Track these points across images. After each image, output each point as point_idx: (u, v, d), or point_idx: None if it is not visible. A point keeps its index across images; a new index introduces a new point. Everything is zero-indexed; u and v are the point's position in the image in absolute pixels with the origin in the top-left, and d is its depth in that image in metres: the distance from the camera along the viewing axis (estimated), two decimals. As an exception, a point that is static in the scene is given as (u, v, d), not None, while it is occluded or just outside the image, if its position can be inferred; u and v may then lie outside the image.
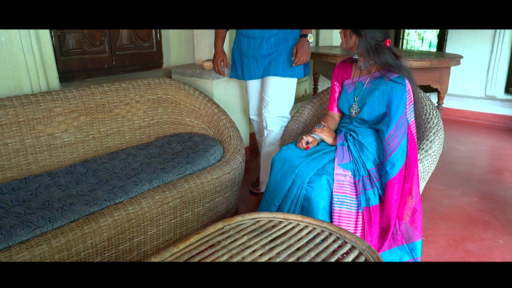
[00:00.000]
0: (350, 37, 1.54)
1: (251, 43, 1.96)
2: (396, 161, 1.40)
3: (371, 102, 1.50)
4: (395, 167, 1.40)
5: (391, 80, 1.45)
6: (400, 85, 1.43)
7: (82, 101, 1.83)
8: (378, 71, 1.53)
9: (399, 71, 1.46)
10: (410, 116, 1.45)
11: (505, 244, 1.83)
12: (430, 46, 6.14)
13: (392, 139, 1.42)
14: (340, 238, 1.05)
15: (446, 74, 2.65)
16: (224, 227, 1.07)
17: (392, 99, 1.43)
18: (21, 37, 1.79)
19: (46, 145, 1.72)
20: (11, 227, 1.25)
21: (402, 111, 1.41)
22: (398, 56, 1.54)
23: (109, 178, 1.65)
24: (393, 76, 1.46)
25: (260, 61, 1.99)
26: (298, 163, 1.50)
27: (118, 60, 2.59)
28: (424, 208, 2.14)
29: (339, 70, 1.71)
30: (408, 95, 1.44)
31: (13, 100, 1.64)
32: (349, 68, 1.67)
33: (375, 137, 1.50)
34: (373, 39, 1.48)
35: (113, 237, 1.40)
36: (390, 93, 1.44)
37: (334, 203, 1.41)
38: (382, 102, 1.47)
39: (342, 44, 1.60)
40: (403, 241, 1.49)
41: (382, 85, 1.48)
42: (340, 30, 1.59)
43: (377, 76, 1.52)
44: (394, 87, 1.44)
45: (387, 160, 1.41)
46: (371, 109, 1.51)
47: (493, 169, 2.81)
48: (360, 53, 1.54)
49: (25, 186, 1.56)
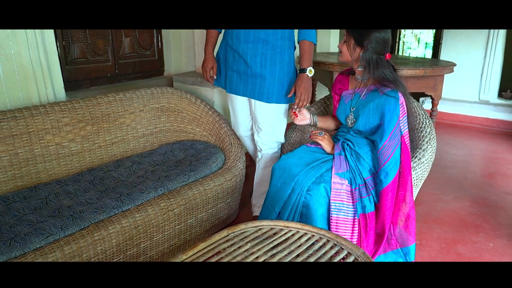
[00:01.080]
0: (354, 49, 1.58)
1: (236, 57, 1.79)
2: (389, 171, 1.47)
3: (366, 114, 1.58)
4: (389, 176, 1.47)
5: (384, 93, 1.53)
6: (393, 98, 1.51)
7: (89, 111, 1.90)
8: (373, 84, 1.60)
9: (394, 85, 1.54)
10: (403, 127, 1.53)
11: (495, 247, 1.91)
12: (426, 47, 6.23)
13: (386, 149, 1.49)
14: (337, 245, 1.12)
15: (439, 82, 2.73)
16: (229, 235, 1.15)
17: (385, 111, 1.51)
18: (29, 50, 1.85)
19: (54, 154, 1.78)
20: (25, 235, 1.32)
21: (395, 123, 1.49)
22: (396, 70, 1.61)
23: (115, 186, 1.72)
24: (387, 89, 1.53)
25: (243, 78, 1.80)
26: (297, 171, 1.57)
27: (120, 68, 2.66)
28: (418, 212, 2.22)
29: (336, 83, 1.78)
30: (402, 107, 1.52)
31: (23, 111, 1.70)
32: (346, 80, 1.74)
33: (371, 147, 1.58)
34: (375, 52, 1.54)
35: (121, 243, 1.47)
36: (384, 106, 1.52)
37: (332, 210, 1.48)
38: (376, 114, 1.55)
39: (344, 57, 1.63)
40: (398, 245, 1.56)
41: (377, 98, 1.55)
42: (342, 43, 1.62)
43: (372, 89, 1.59)
44: (387, 100, 1.51)
45: (381, 170, 1.49)
46: (366, 120, 1.58)
47: (486, 173, 2.89)
48: (363, 65, 1.59)
49: (35, 194, 1.62)
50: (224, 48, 1.88)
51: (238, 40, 1.72)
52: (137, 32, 2.71)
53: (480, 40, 4.06)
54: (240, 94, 1.86)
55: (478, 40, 4.07)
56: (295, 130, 2.05)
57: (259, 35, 1.66)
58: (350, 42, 1.58)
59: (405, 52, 6.32)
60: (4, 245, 1.26)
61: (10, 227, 1.38)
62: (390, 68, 1.59)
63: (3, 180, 1.63)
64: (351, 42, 1.57)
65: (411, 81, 2.63)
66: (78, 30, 2.35)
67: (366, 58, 1.54)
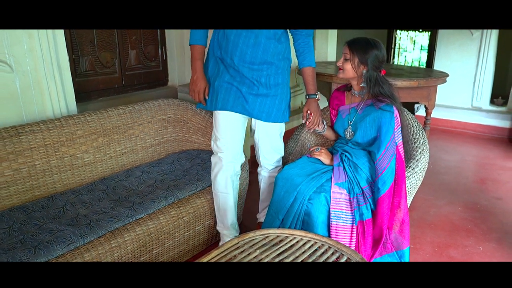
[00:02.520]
0: (358, 67, 1.66)
1: (237, 76, 1.71)
2: (386, 179, 1.59)
3: (364, 127, 1.69)
4: (386, 184, 1.59)
5: (380, 108, 1.64)
6: (389, 112, 1.62)
7: (100, 124, 2.00)
8: (370, 99, 1.72)
9: (389, 100, 1.65)
10: (398, 138, 1.65)
11: (484, 250, 2.03)
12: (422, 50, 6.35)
13: (383, 159, 1.61)
14: (337, 251, 1.23)
15: (433, 92, 2.86)
16: (239, 242, 1.25)
17: (381, 124, 1.63)
18: (44, 65, 1.95)
19: (69, 165, 1.88)
20: (47, 243, 1.42)
21: (390, 135, 1.61)
22: (391, 84, 1.73)
23: (127, 195, 1.82)
24: (382, 104, 1.65)
25: (247, 98, 1.71)
26: (299, 181, 1.68)
27: (127, 79, 2.77)
28: (413, 217, 2.34)
29: (333, 99, 1.90)
30: (396, 120, 1.64)
31: (40, 125, 1.80)
32: (342, 96, 1.86)
33: (368, 158, 1.69)
34: (374, 67, 1.64)
35: (136, 249, 1.57)
36: (380, 119, 1.63)
37: (332, 218, 1.59)
38: (373, 127, 1.67)
39: (348, 74, 1.69)
40: (393, 248, 1.67)
41: (373, 112, 1.67)
42: (343, 61, 1.69)
43: (369, 104, 1.71)
44: (383, 114, 1.63)
45: (379, 178, 1.60)
46: (364, 133, 1.70)
47: (477, 179, 3.02)
48: (365, 82, 1.68)
49: (53, 203, 1.72)
50: (216, 65, 1.75)
51: (243, 61, 1.67)
52: (142, 44, 2.82)
53: (472, 49, 4.20)
54: (244, 113, 1.74)
55: (471, 49, 4.21)
56: (297, 141, 2.15)
57: (266, 58, 1.67)
58: (354, 61, 1.66)
59: (401, 55, 6.44)
60: (29, 253, 1.36)
61: (33, 235, 1.48)
62: (387, 83, 1.70)
63: (22, 190, 1.73)
64: (356, 61, 1.65)
65: (406, 91, 2.75)
66: (87, 43, 2.45)
67: (368, 75, 1.65)
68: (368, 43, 1.65)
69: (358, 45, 1.65)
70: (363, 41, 1.66)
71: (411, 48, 6.52)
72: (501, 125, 4.12)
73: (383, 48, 1.68)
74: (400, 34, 6.35)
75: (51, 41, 1.97)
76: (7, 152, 1.67)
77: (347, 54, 1.68)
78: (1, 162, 1.65)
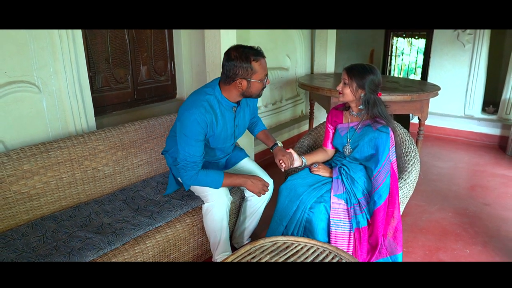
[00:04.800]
0: (357, 91, 1.81)
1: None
2: (382, 193, 1.77)
3: (362, 145, 1.87)
4: (382, 198, 1.77)
5: (377, 129, 1.82)
6: (385, 133, 1.80)
7: (119, 139, 2.18)
8: (368, 120, 1.89)
9: (385, 121, 1.83)
10: (392, 156, 1.84)
11: (471, 253, 2.22)
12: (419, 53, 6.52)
13: (379, 175, 1.79)
14: (337, 256, 1.41)
15: (425, 104, 3.06)
16: (251, 249, 1.43)
17: (379, 144, 1.81)
18: (67, 85, 2.13)
19: (91, 177, 2.06)
20: (79, 249, 1.60)
21: (387, 154, 1.79)
22: (387, 106, 1.90)
23: (146, 205, 2.00)
24: (379, 125, 1.82)
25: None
26: (301, 191, 1.87)
27: (139, 93, 2.94)
28: (406, 222, 2.53)
29: (332, 116, 2.07)
30: (391, 140, 1.82)
31: (66, 141, 1.98)
32: (341, 115, 2.03)
33: (364, 173, 1.88)
34: (371, 90, 1.80)
35: (156, 254, 1.75)
36: (377, 139, 1.81)
37: (331, 225, 1.78)
38: (370, 146, 1.85)
39: (347, 97, 1.85)
40: (387, 253, 1.86)
41: (370, 132, 1.85)
42: (343, 85, 1.84)
43: (366, 124, 1.88)
44: (380, 135, 1.81)
45: (375, 192, 1.78)
46: (362, 150, 1.88)
47: (468, 185, 3.21)
48: (364, 104, 1.83)
49: (79, 213, 1.90)
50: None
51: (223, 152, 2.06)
52: (153, 60, 3.00)
53: (464, 60, 4.40)
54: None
55: (463, 60, 4.41)
56: (298, 152, 2.34)
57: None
58: (352, 85, 1.81)
59: (398, 57, 6.60)
60: (64, 258, 1.54)
61: (65, 242, 1.65)
62: (383, 105, 1.88)
63: (51, 201, 1.90)
64: (354, 85, 1.81)
65: (400, 104, 2.95)
66: (103, 61, 2.63)
67: (366, 98, 1.81)
68: (364, 68, 1.81)
69: (356, 71, 1.81)
70: (360, 67, 1.83)
71: (408, 51, 6.68)
72: (492, 133, 4.32)
73: (379, 72, 1.85)
74: (397, 39, 6.54)
75: (74, 63, 2.15)
76: (38, 167, 1.84)
77: (346, 80, 1.83)
78: (33, 176, 1.83)
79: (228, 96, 1.80)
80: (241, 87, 1.74)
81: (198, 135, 1.73)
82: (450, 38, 4.43)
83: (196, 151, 1.75)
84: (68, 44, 2.09)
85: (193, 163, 1.75)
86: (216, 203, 1.86)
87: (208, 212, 1.89)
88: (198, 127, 1.72)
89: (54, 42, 2.03)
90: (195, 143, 1.73)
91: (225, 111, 1.83)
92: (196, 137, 1.73)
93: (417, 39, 6.44)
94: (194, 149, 1.74)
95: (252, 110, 2.09)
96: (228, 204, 1.92)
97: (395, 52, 6.55)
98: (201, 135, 1.75)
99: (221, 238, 1.92)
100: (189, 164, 1.75)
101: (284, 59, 4.12)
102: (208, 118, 1.75)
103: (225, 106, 1.82)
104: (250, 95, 1.80)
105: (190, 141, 1.73)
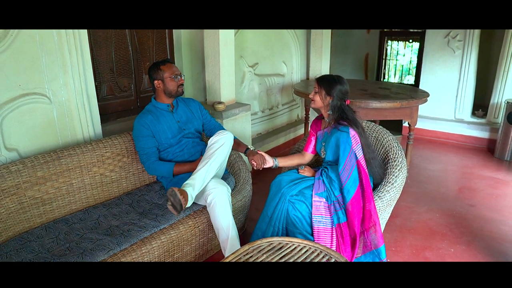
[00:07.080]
0: (325, 98, 2.04)
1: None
2: (350, 188, 1.93)
3: (330, 147, 2.05)
4: (350, 193, 1.93)
5: (339, 129, 1.99)
6: (345, 132, 1.96)
7: (125, 146, 2.31)
8: (334, 123, 2.06)
9: (348, 123, 1.98)
10: (358, 153, 1.97)
11: (455, 252, 2.37)
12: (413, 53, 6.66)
13: (344, 172, 1.95)
14: (327, 255, 1.56)
15: (415, 111, 3.21)
16: (249, 249, 1.58)
17: (340, 143, 1.97)
18: (76, 96, 2.27)
19: (99, 182, 2.20)
20: (91, 250, 1.74)
21: (348, 151, 1.94)
22: (355, 112, 2.07)
23: (150, 208, 2.14)
24: (341, 126, 1.99)
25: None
26: (283, 185, 2.06)
27: (141, 101, 3.08)
28: (395, 223, 2.68)
29: (313, 125, 2.26)
30: (354, 139, 1.96)
31: (76, 149, 2.12)
32: (320, 123, 2.23)
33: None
34: (339, 98, 2.01)
35: (161, 254, 1.89)
36: (339, 138, 1.98)
37: (314, 222, 1.94)
38: (336, 146, 2.02)
39: (317, 104, 2.07)
40: (372, 247, 1.99)
41: (335, 134, 2.02)
42: (314, 94, 2.07)
43: (333, 127, 2.06)
44: (341, 135, 1.97)
45: (343, 188, 1.94)
46: (331, 151, 2.06)
47: (456, 187, 3.36)
48: (331, 109, 2.03)
49: (88, 216, 2.04)
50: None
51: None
52: (155, 69, 3.14)
53: (454, 65, 4.56)
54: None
55: (453, 65, 4.57)
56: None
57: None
58: (321, 93, 2.04)
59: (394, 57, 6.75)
60: (78, 258, 1.67)
61: (77, 243, 1.79)
62: (351, 111, 2.05)
63: (62, 205, 2.04)
64: (322, 93, 2.04)
65: (390, 111, 3.10)
66: (108, 71, 2.77)
67: (333, 104, 2.02)
68: (332, 78, 2.06)
69: (324, 80, 2.06)
70: (329, 77, 2.08)
71: (403, 52, 6.83)
72: (481, 136, 4.48)
73: (346, 83, 2.06)
74: (392, 43, 6.70)
75: (82, 75, 2.29)
76: (50, 173, 1.98)
77: (316, 88, 2.07)
78: (46, 182, 1.96)
79: (160, 100, 2.32)
80: (160, 87, 2.26)
81: (142, 131, 2.20)
82: (441, 44, 4.59)
83: (145, 144, 2.20)
84: (76, 58, 2.23)
85: (145, 154, 2.21)
86: (216, 190, 2.04)
87: (212, 202, 2.02)
88: (140, 126, 2.21)
89: (64, 55, 2.16)
90: (142, 139, 2.21)
91: (162, 111, 2.31)
92: (141, 133, 2.21)
93: (411, 43, 6.61)
94: (143, 143, 2.20)
95: (196, 110, 2.45)
96: (227, 190, 2.09)
97: (390, 55, 6.72)
98: (145, 131, 2.21)
99: (229, 235, 2.04)
100: (143, 156, 2.22)
101: (280, 65, 4.27)
102: (148, 118, 2.23)
103: (161, 107, 2.31)
104: (170, 92, 2.26)
105: (139, 137, 2.22)
